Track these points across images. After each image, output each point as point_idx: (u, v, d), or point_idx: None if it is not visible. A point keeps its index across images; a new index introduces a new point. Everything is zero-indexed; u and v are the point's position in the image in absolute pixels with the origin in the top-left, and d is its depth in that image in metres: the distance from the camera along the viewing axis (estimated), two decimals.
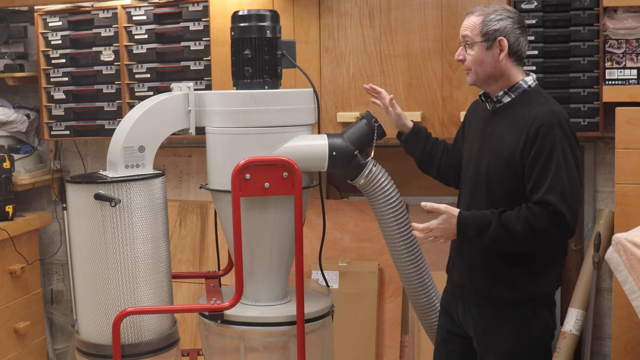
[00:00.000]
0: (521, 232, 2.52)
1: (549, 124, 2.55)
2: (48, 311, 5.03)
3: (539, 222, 2.51)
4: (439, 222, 2.60)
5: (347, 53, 3.92)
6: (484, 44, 2.64)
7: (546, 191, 2.51)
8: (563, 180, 2.52)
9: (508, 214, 2.55)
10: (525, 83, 2.68)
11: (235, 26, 2.94)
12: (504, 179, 2.63)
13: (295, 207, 2.80)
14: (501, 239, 2.54)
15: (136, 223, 2.79)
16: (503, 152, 2.63)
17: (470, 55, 2.68)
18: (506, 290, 2.68)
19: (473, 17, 2.68)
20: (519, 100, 2.68)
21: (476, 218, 2.58)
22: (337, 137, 2.96)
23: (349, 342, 4.06)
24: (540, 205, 2.52)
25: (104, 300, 2.80)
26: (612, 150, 3.75)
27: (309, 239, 4.09)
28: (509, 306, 2.69)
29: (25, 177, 4.66)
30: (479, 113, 2.83)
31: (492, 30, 2.63)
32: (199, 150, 4.59)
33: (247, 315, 2.90)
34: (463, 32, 2.70)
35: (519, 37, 2.66)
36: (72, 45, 4.50)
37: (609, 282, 3.90)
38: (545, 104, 2.63)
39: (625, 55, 3.59)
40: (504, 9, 2.67)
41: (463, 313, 2.81)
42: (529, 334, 2.71)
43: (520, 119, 2.61)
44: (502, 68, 2.66)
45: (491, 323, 2.73)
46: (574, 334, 3.85)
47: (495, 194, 2.65)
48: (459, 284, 2.81)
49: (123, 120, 2.94)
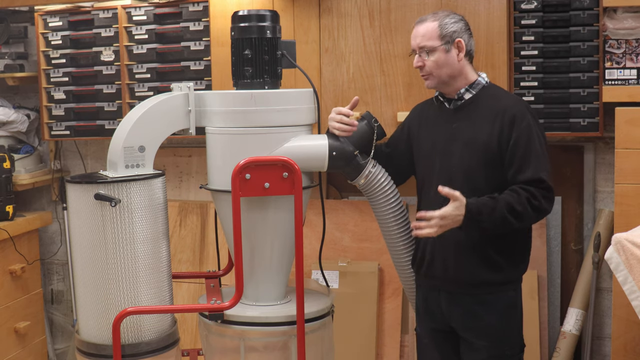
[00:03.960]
0: (523, 211, 2.70)
1: (521, 112, 2.78)
2: (48, 311, 5.03)
3: (536, 200, 2.71)
4: (452, 209, 2.71)
5: (347, 53, 3.92)
6: (444, 47, 2.83)
7: (535, 171, 2.73)
8: (545, 160, 2.76)
9: (505, 196, 2.72)
10: (484, 79, 2.91)
11: (235, 26, 2.94)
12: (484, 169, 2.79)
13: (295, 207, 2.80)
14: (507, 221, 2.71)
15: (136, 223, 2.79)
16: (478, 142, 2.80)
17: (431, 61, 2.85)
18: (492, 274, 2.83)
19: (428, 24, 2.86)
20: (480, 95, 2.88)
21: (481, 204, 2.72)
22: (337, 137, 2.96)
23: (349, 342, 4.06)
24: (533, 184, 2.72)
25: (104, 300, 2.80)
26: (612, 150, 3.75)
27: (309, 239, 4.09)
28: (495, 289, 2.86)
29: (25, 177, 4.66)
30: (431, 114, 2.99)
31: (450, 32, 2.84)
32: (199, 150, 4.60)
33: (247, 315, 2.90)
34: (420, 43, 2.86)
35: (470, 39, 2.89)
36: (72, 45, 4.51)
37: (609, 282, 3.90)
38: (509, 96, 2.91)
39: (625, 55, 3.59)
40: (454, 14, 2.89)
41: (447, 304, 2.92)
42: (514, 317, 2.90)
43: (489, 111, 2.82)
44: (461, 67, 2.86)
45: (477, 308, 2.86)
46: (574, 333, 3.85)
47: (475, 182, 2.80)
48: (441, 277, 2.90)
49: (123, 121, 2.94)
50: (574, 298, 3.89)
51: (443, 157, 2.88)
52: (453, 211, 2.69)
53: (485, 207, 2.70)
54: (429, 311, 3.00)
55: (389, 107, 3.86)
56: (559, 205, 3.97)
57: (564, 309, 3.94)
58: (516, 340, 2.93)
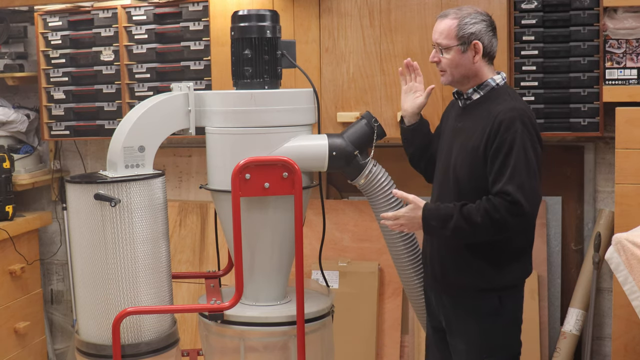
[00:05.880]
0: (480, 222, 2.63)
1: (510, 119, 2.66)
2: (48, 311, 5.03)
3: (497, 213, 2.62)
4: (406, 210, 2.74)
5: (347, 53, 3.92)
6: (460, 47, 2.76)
7: (505, 182, 2.63)
8: (522, 173, 2.63)
9: (469, 206, 2.67)
10: (494, 81, 2.81)
11: (235, 26, 2.94)
12: (470, 173, 2.75)
13: (295, 207, 2.80)
14: (462, 229, 2.66)
15: (136, 223, 2.79)
16: (469, 146, 2.75)
17: (446, 59, 2.79)
18: (472, 279, 2.79)
19: (448, 21, 2.77)
20: (487, 97, 2.80)
21: (439, 210, 2.71)
22: (337, 137, 2.96)
23: (349, 342, 4.06)
24: (499, 196, 2.63)
25: (104, 300, 2.80)
26: (612, 150, 3.75)
27: (309, 239, 4.08)
28: (476, 295, 2.81)
29: (25, 177, 4.66)
30: (452, 110, 2.96)
31: (468, 34, 2.75)
32: (199, 150, 4.59)
33: (247, 315, 2.90)
34: (437, 39, 2.80)
35: (492, 39, 2.79)
36: (72, 45, 4.50)
37: (609, 282, 3.90)
38: (509, 101, 2.75)
39: (625, 55, 3.59)
40: (477, 12, 2.78)
41: (436, 303, 2.94)
42: (496, 324, 2.82)
43: (485, 115, 2.74)
44: (476, 69, 2.79)
45: (459, 312, 2.84)
46: (574, 334, 3.85)
47: (463, 187, 2.76)
48: (432, 275, 2.91)
49: (123, 120, 2.94)
50: (574, 298, 3.88)
51: (444, 156, 2.88)
52: (407, 213, 2.72)
53: (442, 213, 2.68)
54: (429, 310, 3.03)
55: (389, 107, 3.86)
56: (559, 205, 3.97)
57: (564, 309, 3.94)
58: (500, 348, 2.84)
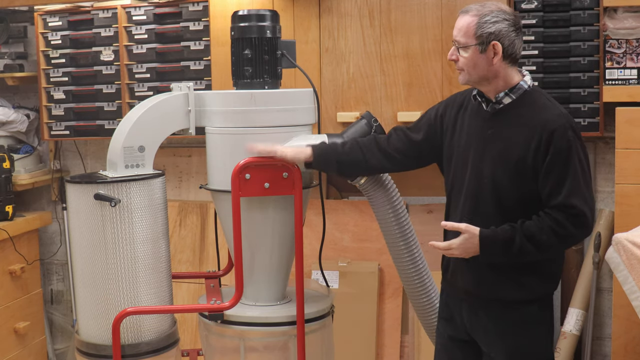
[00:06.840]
0: (546, 241, 2.52)
1: (563, 128, 2.53)
2: (48, 311, 5.02)
3: (563, 228, 2.51)
4: (461, 241, 2.58)
5: (347, 53, 3.92)
6: (477, 47, 2.58)
7: (567, 195, 2.51)
8: (580, 184, 2.52)
9: (529, 224, 2.54)
10: (525, 83, 2.64)
11: (235, 26, 2.94)
12: (515, 185, 2.59)
13: (295, 207, 2.80)
14: (527, 251, 2.54)
15: (136, 223, 2.79)
16: (512, 156, 2.58)
17: (464, 57, 2.61)
18: (515, 292, 2.66)
19: (468, 17, 2.61)
20: (520, 102, 2.63)
21: (497, 235, 2.56)
22: (337, 137, 2.96)
23: (349, 342, 4.06)
24: (562, 209, 2.51)
25: (104, 300, 2.79)
26: (612, 150, 3.75)
27: (309, 239, 4.08)
28: (517, 307, 2.68)
29: (25, 177, 4.66)
30: (470, 112, 2.75)
31: (487, 33, 2.56)
32: (199, 150, 4.59)
33: (247, 315, 2.90)
34: (456, 36, 2.64)
35: (514, 40, 2.60)
36: (72, 45, 4.50)
37: (609, 282, 3.90)
38: (552, 107, 2.61)
39: (626, 55, 3.59)
40: (500, 10, 2.59)
41: (469, 317, 2.77)
42: (538, 333, 2.72)
43: (528, 122, 2.58)
44: (496, 70, 2.60)
45: (501, 325, 2.70)
46: (574, 334, 3.85)
47: (505, 199, 2.61)
48: (464, 289, 2.76)
49: (123, 120, 2.94)
50: (574, 298, 3.88)
51: (474, 165, 2.67)
52: (462, 243, 2.58)
53: (502, 238, 2.55)
54: (450, 317, 2.86)
55: (389, 107, 3.86)
56: None
57: (564, 309, 3.94)
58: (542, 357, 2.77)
